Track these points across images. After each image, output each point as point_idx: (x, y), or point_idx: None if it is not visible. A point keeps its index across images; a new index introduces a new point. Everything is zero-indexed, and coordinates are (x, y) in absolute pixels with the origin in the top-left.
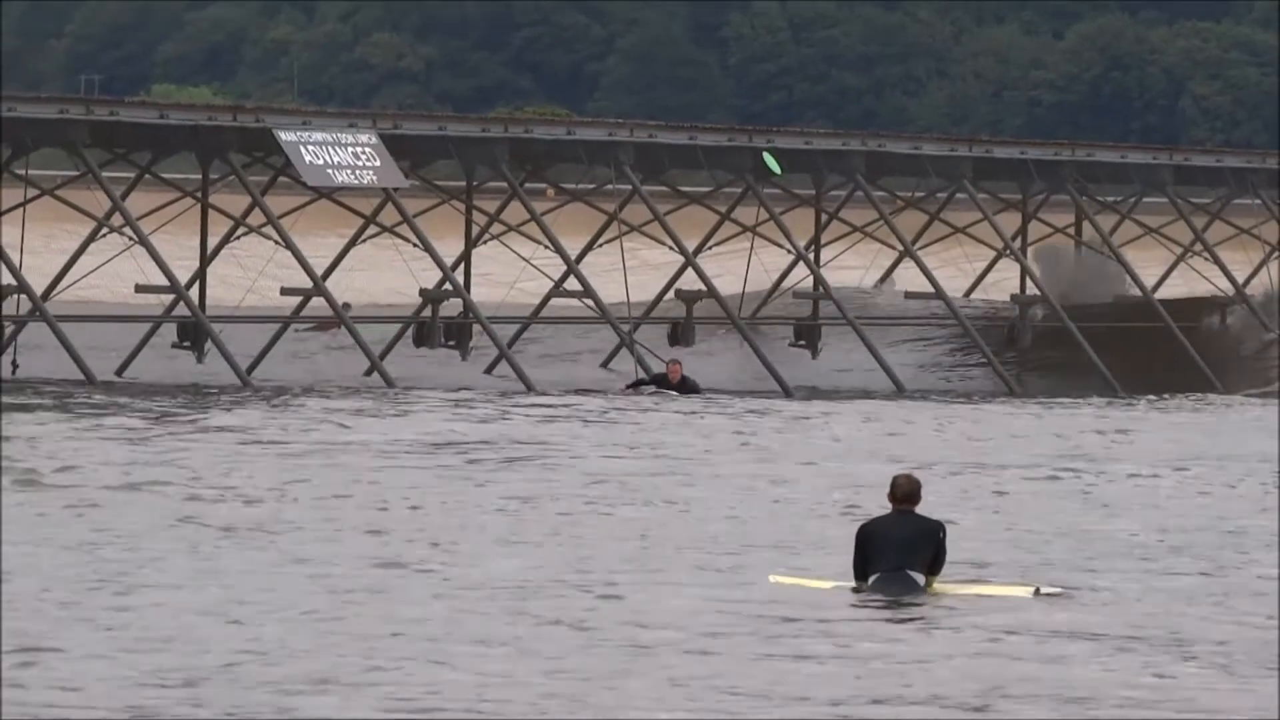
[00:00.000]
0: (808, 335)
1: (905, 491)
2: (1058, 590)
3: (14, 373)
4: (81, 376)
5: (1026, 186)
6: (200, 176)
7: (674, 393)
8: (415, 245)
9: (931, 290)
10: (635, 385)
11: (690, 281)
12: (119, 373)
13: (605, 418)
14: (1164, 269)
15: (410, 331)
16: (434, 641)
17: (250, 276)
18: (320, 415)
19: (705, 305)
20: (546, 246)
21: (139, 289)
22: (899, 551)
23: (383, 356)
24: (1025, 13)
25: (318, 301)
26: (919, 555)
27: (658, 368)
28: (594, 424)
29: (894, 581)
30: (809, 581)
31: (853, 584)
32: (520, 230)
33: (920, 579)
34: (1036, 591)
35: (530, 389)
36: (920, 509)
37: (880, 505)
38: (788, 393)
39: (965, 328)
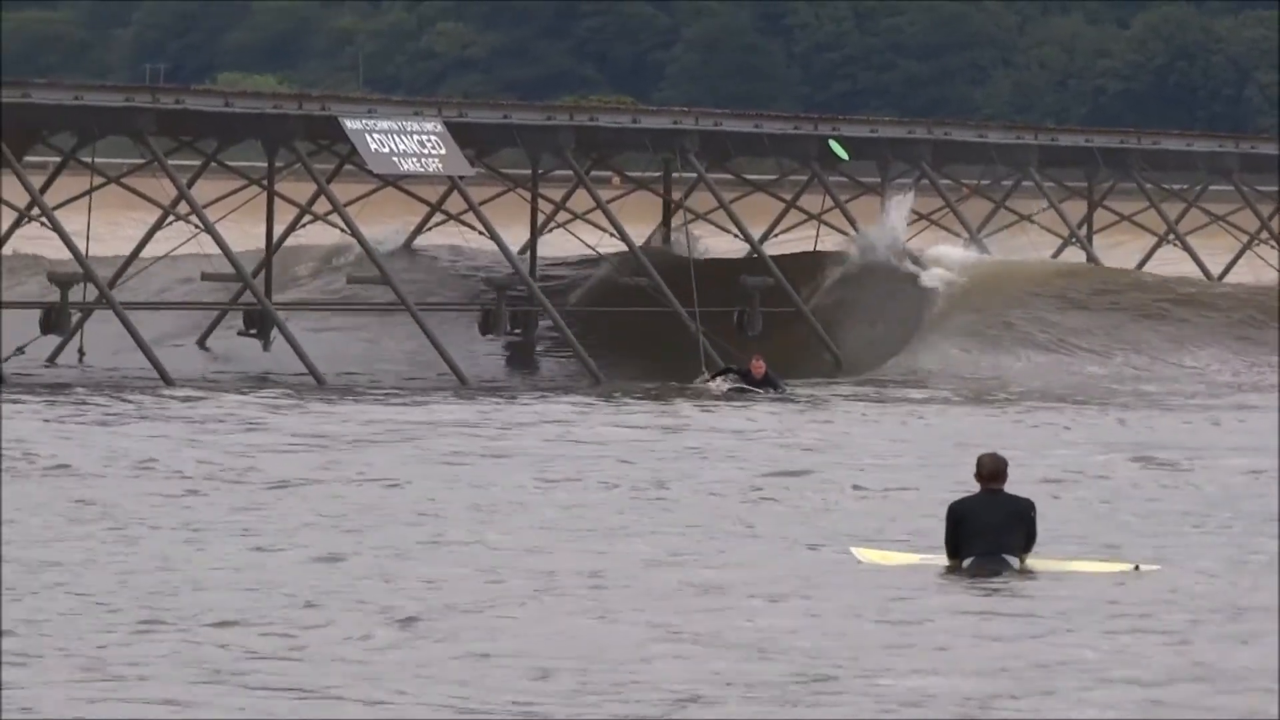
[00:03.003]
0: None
1: (991, 470)
2: (1157, 567)
3: (80, 360)
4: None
5: (1092, 174)
6: (266, 164)
7: (755, 389)
8: (481, 233)
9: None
10: (720, 374)
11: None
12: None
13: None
14: (1230, 256)
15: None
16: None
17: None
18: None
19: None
20: (611, 234)
21: (205, 277)
22: (993, 534)
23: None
24: (1090, 2)
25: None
26: (1013, 536)
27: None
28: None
29: (989, 565)
30: (895, 556)
31: (945, 561)
32: (586, 218)
33: (1015, 562)
34: (1136, 568)
35: (597, 380)
36: None
37: None
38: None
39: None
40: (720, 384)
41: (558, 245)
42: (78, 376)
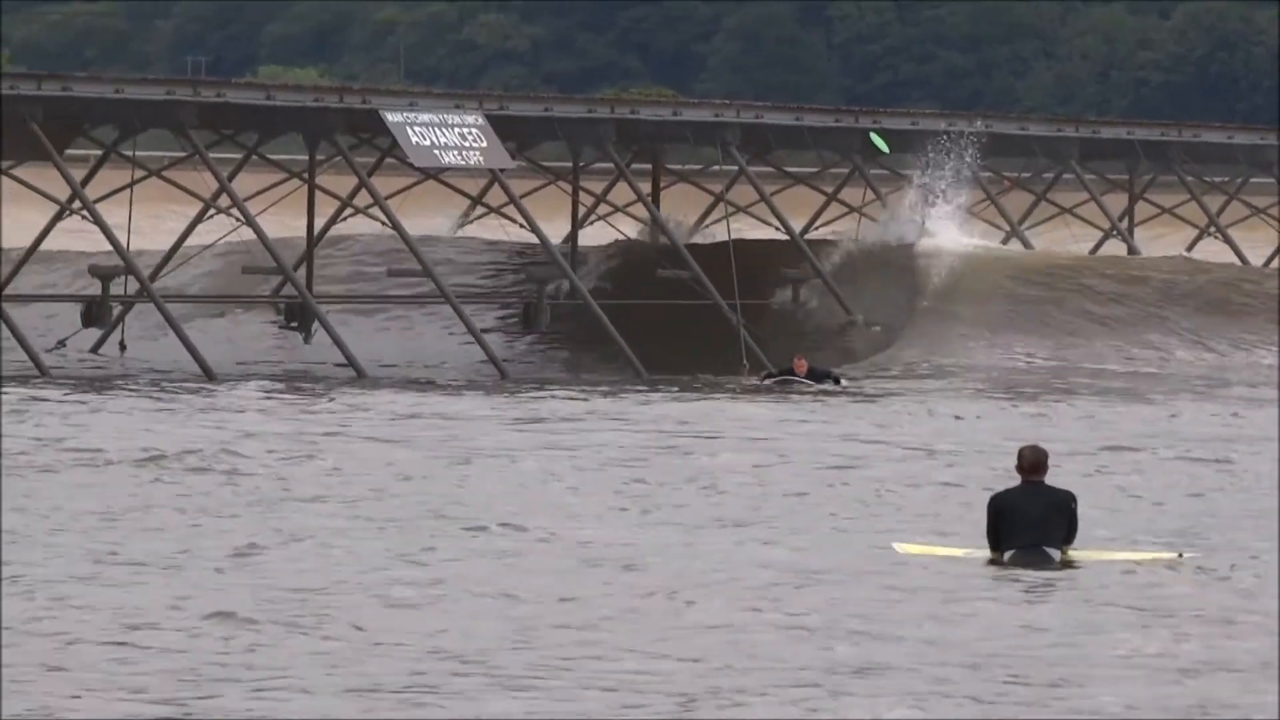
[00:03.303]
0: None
1: (1032, 462)
2: (1198, 554)
3: (122, 354)
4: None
5: (1133, 167)
6: (307, 158)
7: (810, 382)
8: (522, 226)
9: None
10: (769, 377)
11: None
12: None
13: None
14: (1271, 249)
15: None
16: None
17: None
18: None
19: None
20: (649, 226)
21: (245, 270)
22: (1034, 526)
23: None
24: None
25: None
26: (1054, 528)
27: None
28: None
29: (1031, 557)
30: (938, 549)
31: (987, 554)
32: (627, 211)
33: (1056, 554)
34: (1179, 556)
35: (641, 375)
36: None
37: None
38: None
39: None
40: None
41: (596, 237)
42: (123, 369)
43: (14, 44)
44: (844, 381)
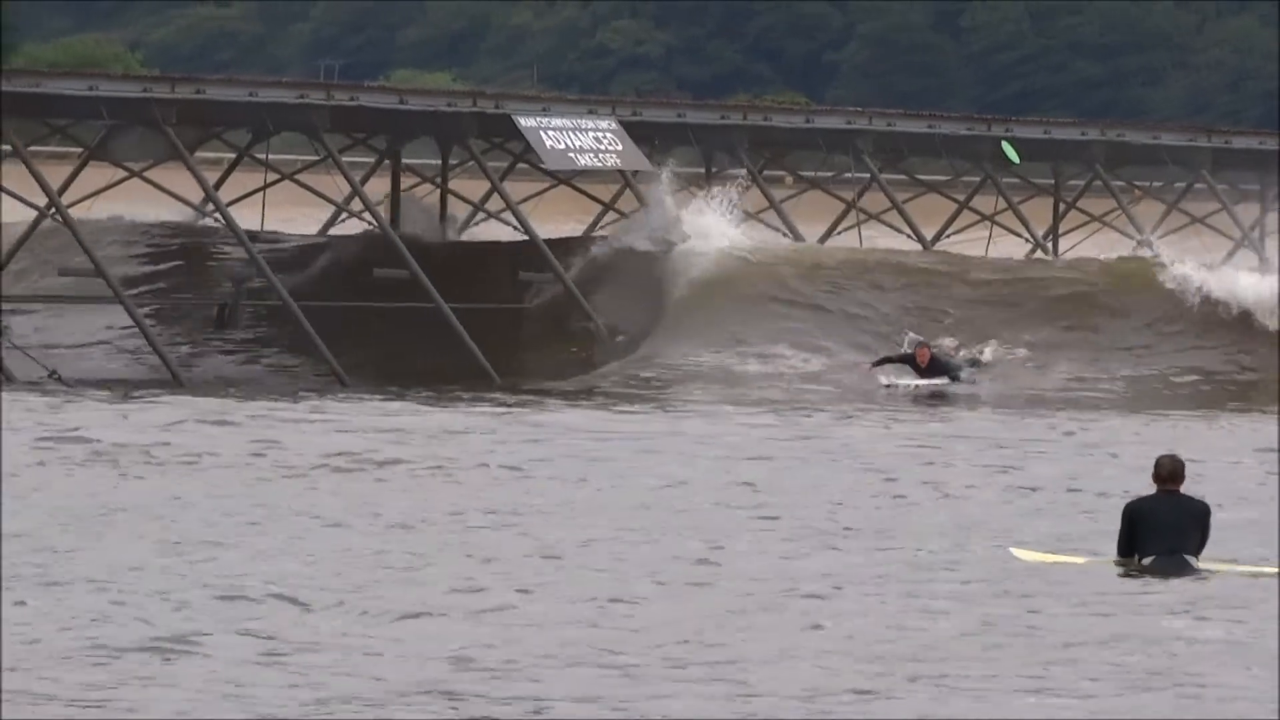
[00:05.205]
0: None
1: (1170, 471)
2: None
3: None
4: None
5: (1265, 177)
6: (440, 161)
7: (914, 374)
8: (780, 232)
9: None
10: (884, 362)
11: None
12: None
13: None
14: None
15: None
16: None
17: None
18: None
19: None
20: (785, 235)
21: (377, 274)
22: (1172, 534)
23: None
24: (1265, 3)
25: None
26: (1190, 537)
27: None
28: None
29: (1169, 564)
30: (1056, 557)
31: (1116, 560)
32: (759, 218)
33: (1195, 562)
34: None
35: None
36: None
37: None
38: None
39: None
40: (885, 378)
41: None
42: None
43: (148, 47)
44: (963, 379)
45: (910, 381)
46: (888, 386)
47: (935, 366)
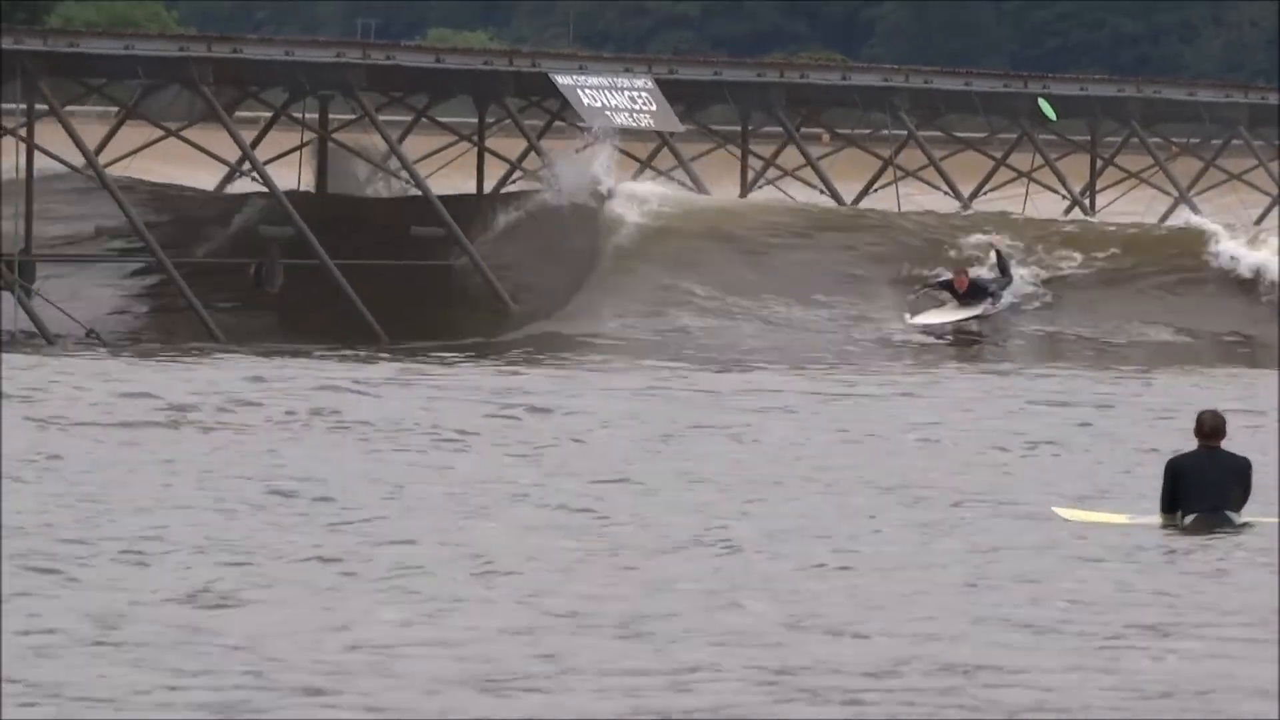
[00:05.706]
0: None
1: (1212, 426)
2: None
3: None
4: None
5: None
6: (476, 120)
7: (953, 302)
8: (690, 189)
9: None
10: (925, 287)
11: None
12: None
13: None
14: None
15: None
16: None
17: None
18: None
19: None
20: (822, 191)
21: (413, 232)
22: (1214, 490)
23: None
24: None
25: None
26: (1232, 493)
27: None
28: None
29: (1212, 520)
30: (1099, 516)
31: (1159, 519)
32: (796, 175)
33: (1237, 518)
34: None
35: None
36: None
37: None
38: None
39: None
40: (921, 318)
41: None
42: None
43: (185, 6)
44: (1004, 299)
45: (946, 319)
46: (924, 329)
47: (974, 290)
